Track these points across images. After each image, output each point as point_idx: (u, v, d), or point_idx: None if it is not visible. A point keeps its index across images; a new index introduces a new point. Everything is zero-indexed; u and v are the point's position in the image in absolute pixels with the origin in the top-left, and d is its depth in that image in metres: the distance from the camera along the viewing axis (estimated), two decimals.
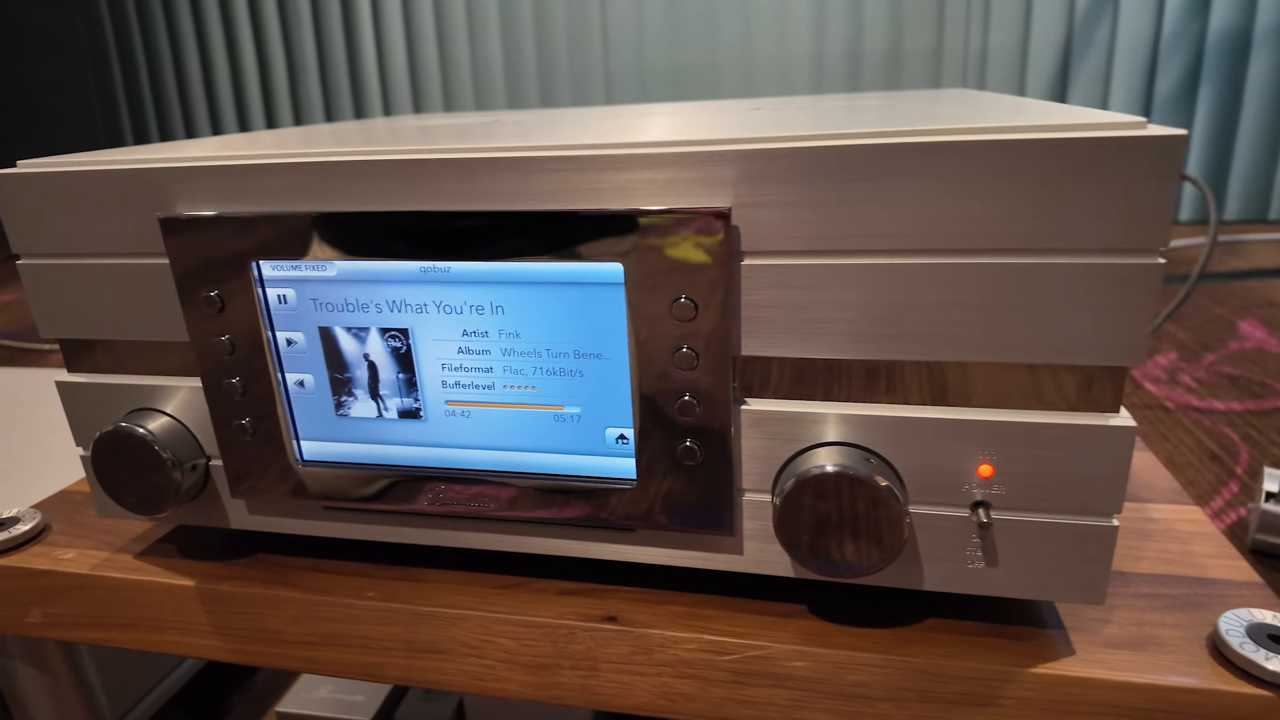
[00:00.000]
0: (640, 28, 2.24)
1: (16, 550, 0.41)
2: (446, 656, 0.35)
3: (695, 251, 0.28)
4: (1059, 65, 2.18)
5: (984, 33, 2.19)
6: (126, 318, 0.36)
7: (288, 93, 2.45)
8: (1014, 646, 0.31)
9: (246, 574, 0.38)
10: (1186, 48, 2.11)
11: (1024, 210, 0.26)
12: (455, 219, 0.30)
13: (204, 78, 2.48)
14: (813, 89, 2.21)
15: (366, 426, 0.34)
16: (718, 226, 0.27)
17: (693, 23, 2.21)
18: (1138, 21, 2.10)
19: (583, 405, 0.32)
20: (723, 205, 0.27)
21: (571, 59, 2.29)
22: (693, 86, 2.28)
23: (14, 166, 0.35)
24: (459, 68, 2.33)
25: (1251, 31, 2.07)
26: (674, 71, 2.26)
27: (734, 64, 2.23)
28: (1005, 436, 0.28)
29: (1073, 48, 2.16)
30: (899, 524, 0.29)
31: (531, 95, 2.33)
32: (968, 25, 2.20)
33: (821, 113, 0.37)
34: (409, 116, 0.69)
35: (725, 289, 0.28)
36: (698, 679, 0.32)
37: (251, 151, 0.32)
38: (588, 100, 2.32)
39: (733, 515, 0.31)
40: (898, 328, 0.28)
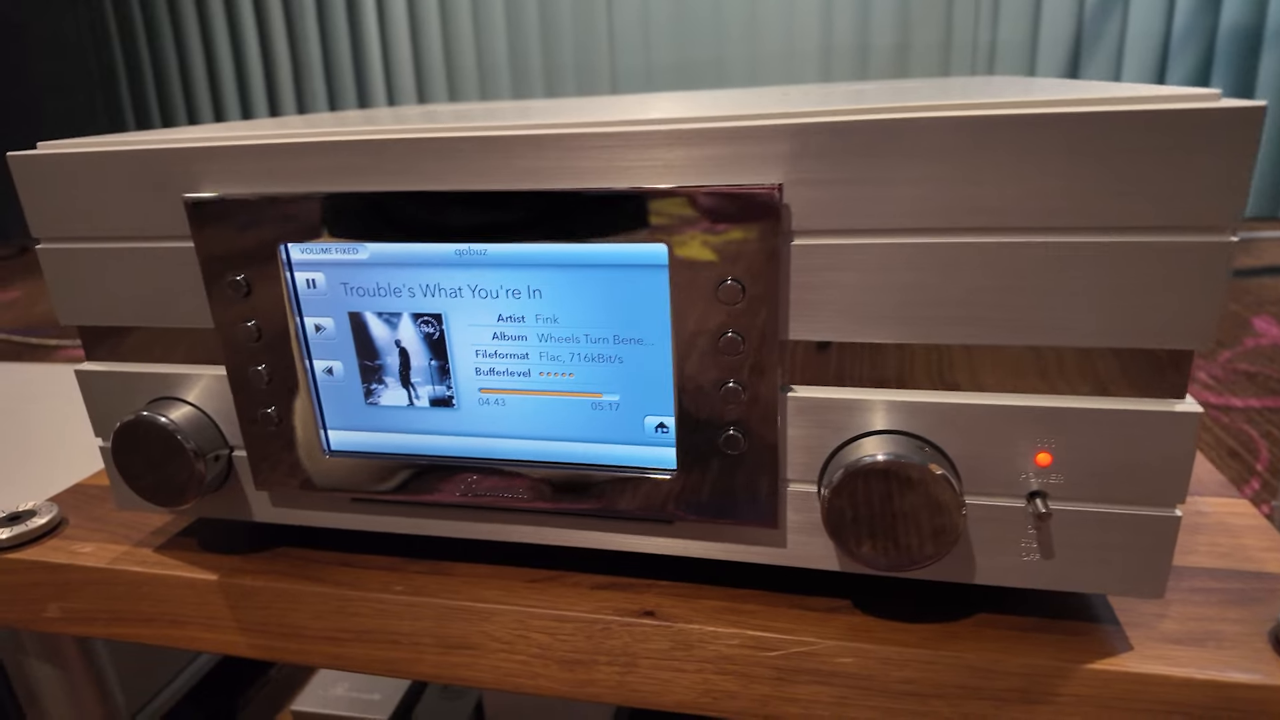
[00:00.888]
0: (646, 22, 2.22)
1: (33, 544, 0.40)
2: (478, 652, 0.34)
3: (744, 231, 0.27)
4: (1068, 60, 2.16)
5: (993, 27, 2.17)
6: (148, 304, 0.35)
7: (292, 89, 2.44)
8: (1068, 642, 0.30)
9: (270, 568, 0.37)
10: (1197, 44, 2.10)
11: (1090, 187, 0.25)
12: (493, 199, 0.29)
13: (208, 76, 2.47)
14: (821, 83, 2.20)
15: (397, 415, 0.33)
16: (769, 204, 0.26)
17: (699, 17, 2.20)
18: (1148, 17, 2.09)
19: (621, 393, 0.31)
20: (774, 182, 0.26)
21: (577, 55, 2.28)
22: (698, 81, 2.26)
23: (34, 148, 0.34)
24: (464, 65, 2.32)
25: (1263, 28, 2.05)
26: (680, 66, 2.24)
27: (740, 59, 2.22)
28: (1065, 423, 0.27)
29: (1082, 43, 2.15)
30: (955, 516, 0.28)
31: (537, 92, 2.32)
32: (976, 19, 2.18)
33: (858, 94, 0.36)
34: (435, 105, 0.68)
35: (775, 270, 0.27)
36: (740, 675, 0.31)
37: (280, 131, 0.31)
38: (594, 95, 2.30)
39: (777, 507, 0.30)
40: (954, 310, 0.27)
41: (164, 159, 0.32)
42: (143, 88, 2.51)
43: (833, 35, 2.20)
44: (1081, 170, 0.25)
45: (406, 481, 0.34)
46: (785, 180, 0.27)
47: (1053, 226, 0.25)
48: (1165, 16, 2.09)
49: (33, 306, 1.78)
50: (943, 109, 0.25)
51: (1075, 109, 0.24)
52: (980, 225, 0.26)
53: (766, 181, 0.27)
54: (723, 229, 0.27)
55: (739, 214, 0.27)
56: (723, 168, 0.27)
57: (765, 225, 0.27)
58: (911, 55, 2.20)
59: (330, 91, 2.50)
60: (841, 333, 0.28)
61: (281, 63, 2.49)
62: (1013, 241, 0.26)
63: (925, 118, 0.25)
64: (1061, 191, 0.25)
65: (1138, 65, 2.11)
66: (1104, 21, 2.13)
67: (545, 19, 2.30)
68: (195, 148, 0.31)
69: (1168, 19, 2.09)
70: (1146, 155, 0.24)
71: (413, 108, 0.50)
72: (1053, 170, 0.25)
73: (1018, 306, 0.26)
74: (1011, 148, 0.25)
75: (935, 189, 0.26)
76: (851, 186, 0.26)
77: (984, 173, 0.25)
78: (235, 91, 2.55)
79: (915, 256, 0.27)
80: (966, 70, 2.21)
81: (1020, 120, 0.24)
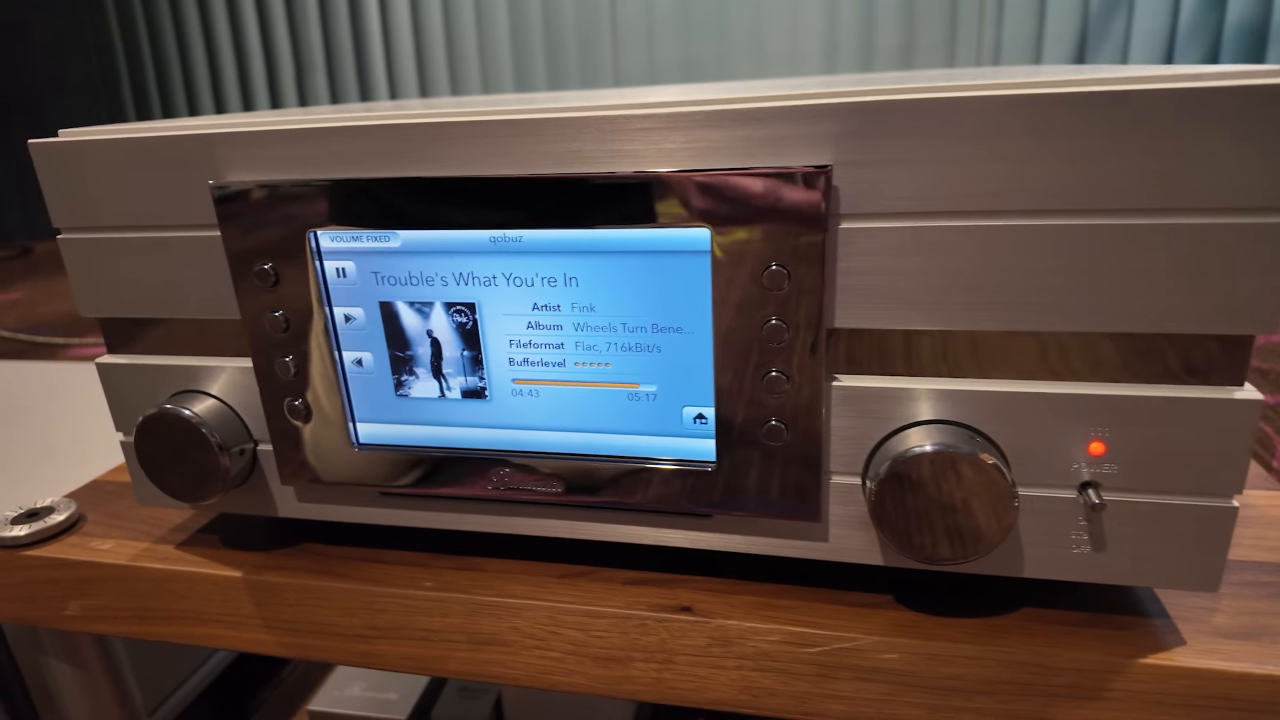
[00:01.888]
0: (650, 18, 2.22)
1: (51, 541, 0.39)
2: (510, 649, 0.33)
3: (791, 214, 0.26)
4: (1073, 59, 2.16)
5: (997, 26, 2.17)
6: (171, 294, 0.34)
7: (294, 86, 2.44)
8: (1118, 636, 0.29)
9: (295, 564, 0.36)
10: (1203, 41, 2.09)
11: (1148, 167, 0.24)
12: (530, 185, 0.28)
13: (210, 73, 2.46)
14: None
15: (428, 407, 0.33)
16: (817, 186, 0.26)
17: (703, 14, 2.19)
18: (1154, 14, 2.08)
19: (659, 383, 0.30)
20: (823, 163, 0.26)
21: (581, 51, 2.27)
22: (703, 78, 2.26)
23: (55, 136, 0.33)
24: (467, 61, 2.31)
25: (1269, 24, 2.04)
26: (684, 63, 2.24)
27: (744, 57, 2.21)
28: (1120, 412, 0.27)
29: (1088, 41, 2.14)
30: (1008, 507, 0.27)
31: (541, 88, 2.31)
32: (981, 16, 2.17)
33: (900, 77, 0.35)
34: (463, 96, 0.67)
35: (822, 255, 0.26)
36: (780, 672, 0.31)
37: (308, 116, 0.31)
38: None
39: (820, 500, 0.30)
40: (1007, 295, 0.26)
41: (188, 145, 0.31)
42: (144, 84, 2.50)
43: (837, 33, 2.19)
44: (1138, 149, 0.24)
45: (437, 475, 0.33)
46: (834, 161, 0.26)
47: (1109, 208, 0.25)
48: (1171, 13, 2.08)
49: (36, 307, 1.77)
50: (1001, 88, 0.24)
51: (1134, 86, 0.23)
52: (1034, 207, 0.25)
53: (813, 163, 0.26)
54: (769, 212, 0.26)
55: (786, 197, 0.26)
56: (767, 149, 0.26)
57: (814, 208, 0.26)
58: (916, 53, 2.19)
59: (332, 88, 2.49)
60: (889, 319, 0.27)
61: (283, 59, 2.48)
62: (1068, 224, 0.25)
63: (983, 96, 0.24)
64: (1118, 172, 0.24)
65: (1143, 61, 2.10)
66: (1109, 18, 2.12)
67: (548, 15, 2.29)
68: (221, 133, 0.31)
69: (1173, 15, 2.09)
70: (1208, 133, 0.23)
71: (443, 99, 0.50)
72: (1108, 150, 0.24)
73: (1074, 290, 0.26)
74: (1072, 127, 0.24)
75: (989, 170, 0.25)
76: (902, 167, 0.26)
77: (1040, 154, 0.24)
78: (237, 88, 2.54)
79: (967, 240, 0.26)
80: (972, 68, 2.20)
81: (1083, 99, 0.24)
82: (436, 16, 2.30)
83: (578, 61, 2.27)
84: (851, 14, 2.16)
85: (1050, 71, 0.30)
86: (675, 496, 0.31)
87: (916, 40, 2.18)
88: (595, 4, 2.23)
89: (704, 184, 0.27)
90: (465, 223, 0.29)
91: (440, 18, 2.30)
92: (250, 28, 2.40)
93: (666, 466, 0.31)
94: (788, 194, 0.26)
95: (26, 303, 1.76)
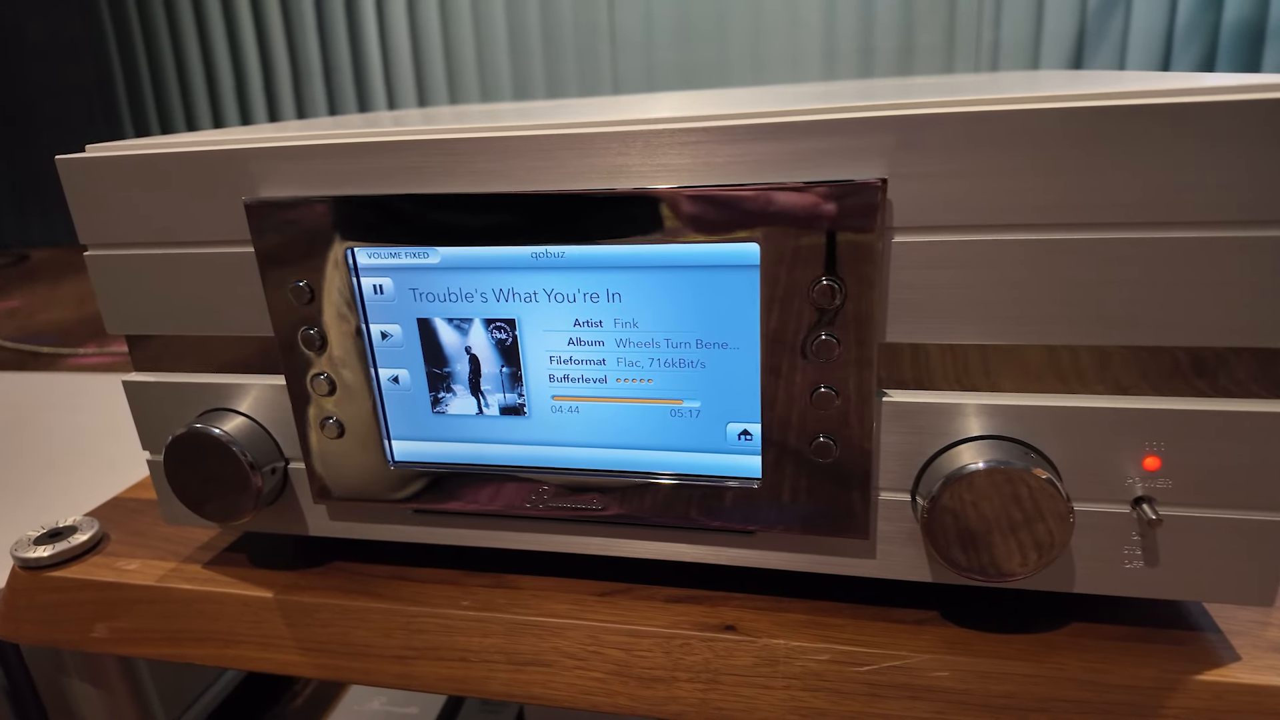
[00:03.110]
0: (649, 23, 2.21)
1: (75, 561, 0.39)
2: (551, 669, 0.33)
3: (844, 228, 0.26)
4: (1072, 58, 2.16)
5: (995, 26, 2.17)
6: (200, 311, 0.33)
7: (291, 91, 2.43)
8: (1173, 652, 0.29)
9: (326, 584, 0.36)
10: (1200, 40, 2.09)
11: (1209, 179, 0.24)
12: (575, 200, 0.28)
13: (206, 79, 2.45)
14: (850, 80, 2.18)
15: (465, 424, 0.32)
16: (873, 200, 0.25)
17: (701, 19, 2.19)
18: (1151, 14, 2.08)
19: (703, 399, 0.30)
20: (877, 176, 0.25)
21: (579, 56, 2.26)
22: (702, 83, 2.25)
23: (83, 151, 0.32)
24: (464, 67, 2.31)
25: (1266, 23, 2.05)
26: (683, 67, 2.24)
27: (743, 61, 2.21)
28: (1176, 426, 0.26)
29: (1085, 41, 2.14)
30: (1064, 523, 0.26)
31: (539, 94, 2.31)
32: (979, 18, 2.18)
33: (939, 86, 0.35)
34: (497, 104, 0.67)
35: (875, 269, 0.26)
36: (830, 692, 0.30)
37: (342, 131, 0.30)
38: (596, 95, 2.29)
39: (869, 517, 0.29)
40: (1060, 309, 0.26)
41: (221, 160, 0.31)
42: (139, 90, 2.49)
43: (836, 37, 2.19)
44: (1199, 161, 0.24)
45: (474, 492, 0.32)
46: (887, 174, 0.25)
47: (1168, 221, 0.24)
48: (1168, 12, 2.09)
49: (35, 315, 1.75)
50: (1058, 100, 0.24)
51: (1194, 99, 0.23)
52: (1092, 220, 0.25)
53: (866, 176, 0.25)
54: (821, 226, 0.26)
55: (840, 210, 0.26)
56: (818, 162, 0.26)
57: (868, 222, 0.25)
58: (915, 56, 2.19)
59: (330, 95, 2.48)
60: (940, 334, 0.27)
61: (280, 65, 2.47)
62: (1124, 238, 0.25)
63: (1043, 109, 0.24)
64: (1181, 184, 0.24)
65: (1142, 61, 2.11)
66: (1107, 18, 2.12)
67: (546, 21, 2.29)
68: (255, 148, 0.30)
69: (1170, 15, 2.09)
70: (1266, 146, 0.23)
71: (475, 106, 0.49)
72: (1172, 162, 0.24)
73: (1131, 304, 0.25)
74: (1133, 140, 0.24)
75: (1045, 183, 0.25)
76: (957, 180, 0.25)
77: (1098, 165, 0.24)
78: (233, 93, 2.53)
79: (1020, 253, 0.26)
80: (970, 69, 2.21)
81: (1146, 111, 0.23)
82: (434, 22, 2.29)
83: (576, 67, 2.27)
84: (849, 17, 2.16)
85: (1102, 80, 0.30)
86: (718, 513, 0.30)
87: (915, 42, 2.18)
88: (593, 9, 2.23)
89: (754, 198, 0.26)
90: (506, 239, 0.29)
91: (438, 23, 2.29)
92: (246, 32, 2.39)
93: (709, 483, 0.30)
94: (841, 208, 0.26)
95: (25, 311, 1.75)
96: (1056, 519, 0.26)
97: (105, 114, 2.53)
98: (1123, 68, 2.12)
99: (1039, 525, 0.27)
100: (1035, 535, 0.27)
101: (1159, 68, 2.12)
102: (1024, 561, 0.27)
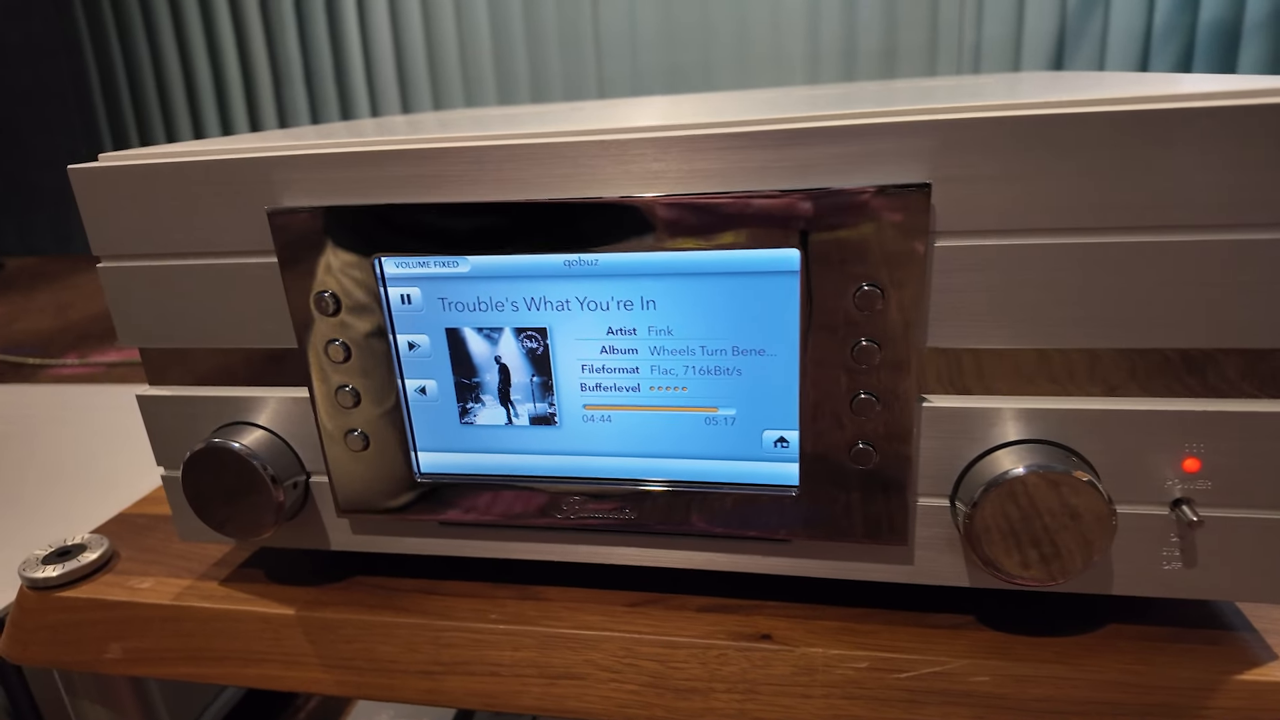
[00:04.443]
0: (633, 26, 2.21)
1: (85, 581, 0.38)
2: (585, 682, 0.32)
3: (888, 233, 0.26)
4: (1052, 58, 2.18)
5: (977, 27, 2.19)
6: (218, 323, 0.33)
7: (272, 96, 2.40)
8: (1209, 651, 0.29)
9: (349, 599, 0.35)
10: (1178, 40, 2.12)
11: (1259, 180, 0.24)
12: (610, 207, 0.27)
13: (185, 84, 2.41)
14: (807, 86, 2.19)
15: (494, 435, 0.32)
16: (918, 204, 0.25)
17: (685, 22, 2.19)
18: (1130, 14, 2.11)
19: (739, 406, 0.29)
20: (922, 180, 0.25)
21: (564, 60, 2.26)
22: (687, 86, 2.26)
23: (95, 160, 0.32)
24: (448, 71, 2.29)
25: (1241, 23, 2.09)
26: (668, 70, 2.24)
27: (728, 63, 2.22)
28: (1217, 427, 0.26)
29: (1066, 41, 2.17)
30: (1107, 526, 0.26)
31: (523, 98, 2.30)
32: (961, 20, 2.20)
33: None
34: (515, 108, 0.66)
35: (920, 275, 0.26)
36: (870, 700, 0.30)
37: (369, 138, 0.30)
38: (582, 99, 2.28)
39: (908, 523, 0.29)
40: (1101, 311, 0.26)
41: (241, 169, 0.30)
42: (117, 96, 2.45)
43: (820, 40, 2.20)
44: (1249, 164, 0.24)
45: (503, 503, 0.32)
46: (931, 178, 0.25)
47: (1209, 224, 0.24)
48: (1146, 13, 2.12)
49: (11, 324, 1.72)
50: (1112, 104, 0.24)
51: (1249, 101, 0.23)
52: (1132, 224, 0.25)
53: (909, 180, 0.25)
54: (864, 231, 0.26)
55: (884, 215, 0.25)
56: (860, 166, 0.26)
57: (912, 226, 0.25)
58: (898, 57, 2.21)
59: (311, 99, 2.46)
60: (981, 338, 0.27)
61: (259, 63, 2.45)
62: (1168, 240, 0.25)
63: (1089, 113, 0.24)
64: (1231, 186, 0.24)
65: (1120, 61, 2.13)
66: (1087, 18, 2.15)
67: (530, 24, 2.28)
68: (278, 156, 0.29)
69: (1149, 15, 2.12)
70: None
71: (492, 109, 0.48)
72: (1218, 165, 0.24)
73: (1176, 305, 0.25)
74: (1179, 143, 0.24)
75: (1088, 186, 0.25)
76: (999, 184, 0.25)
77: (1141, 168, 0.24)
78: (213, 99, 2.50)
79: (1063, 256, 0.25)
80: (953, 69, 2.23)
81: (1193, 114, 0.23)
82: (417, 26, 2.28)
83: (560, 68, 2.26)
84: (833, 19, 2.17)
85: (1141, 83, 0.30)
86: (755, 522, 0.30)
87: (898, 44, 2.19)
88: (577, 13, 2.22)
89: (794, 203, 0.26)
90: (539, 247, 0.28)
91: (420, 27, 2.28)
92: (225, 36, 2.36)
93: (745, 491, 0.30)
94: (885, 212, 0.25)
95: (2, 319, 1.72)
96: (1099, 522, 0.26)
97: (82, 120, 2.49)
98: (1102, 68, 2.15)
99: (1082, 528, 0.27)
100: (1080, 539, 0.27)
101: (1137, 68, 2.15)
102: (1067, 565, 0.27)
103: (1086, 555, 0.27)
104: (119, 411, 0.77)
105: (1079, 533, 0.27)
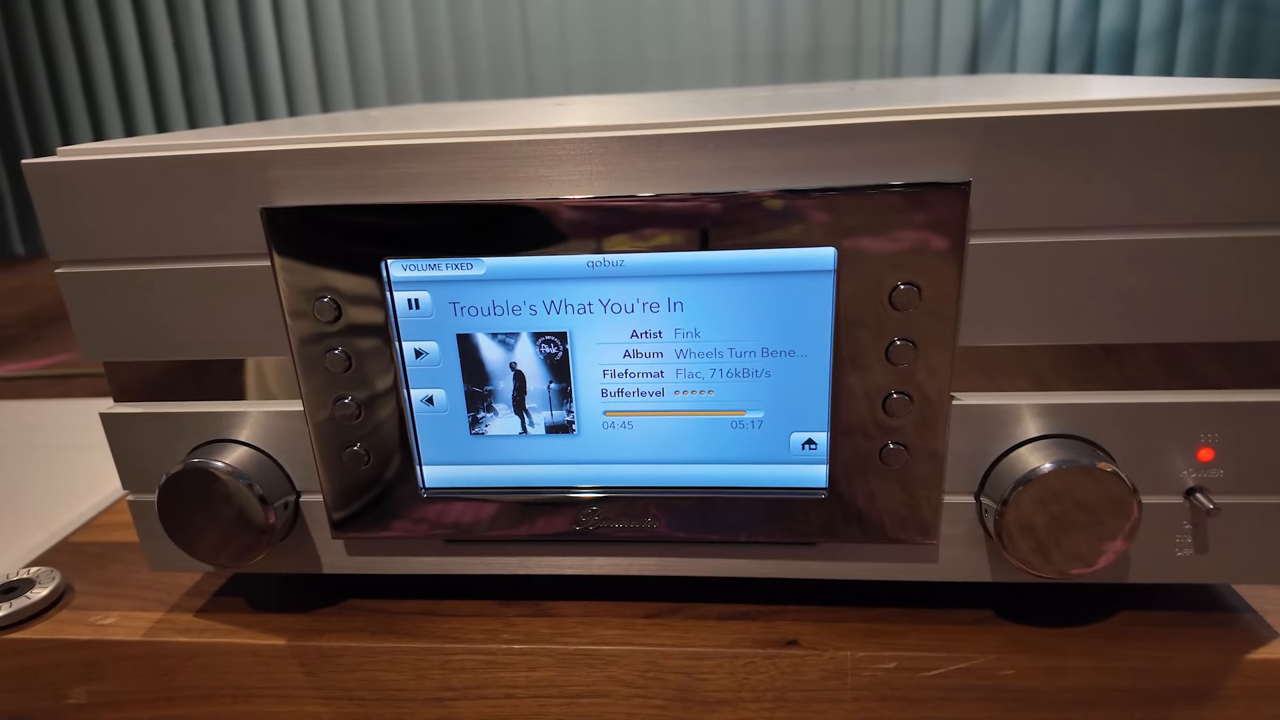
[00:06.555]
0: (561, 24, 2.19)
1: (38, 619, 0.34)
2: (608, 700, 0.31)
3: (926, 231, 0.25)
4: (967, 62, 2.27)
5: (898, 31, 2.26)
6: (197, 333, 0.30)
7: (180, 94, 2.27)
8: (1220, 634, 0.30)
9: (346, 625, 0.33)
10: (1081, 46, 2.24)
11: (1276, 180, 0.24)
12: (640, 206, 0.26)
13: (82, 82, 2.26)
14: (739, 86, 2.22)
15: (507, 445, 0.30)
16: (956, 203, 0.25)
17: (614, 20, 2.18)
18: (1038, 21, 2.21)
19: (766, 409, 0.29)
20: (960, 179, 0.25)
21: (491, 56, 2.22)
22: (617, 84, 2.25)
23: (54, 155, 0.28)
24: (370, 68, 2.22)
25: (1137, 32, 2.21)
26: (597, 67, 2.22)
27: (658, 62, 2.22)
28: (1233, 418, 0.27)
29: (980, 46, 2.26)
30: (1133, 517, 0.27)
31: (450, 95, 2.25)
32: (882, 24, 2.26)
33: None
34: (514, 101, 0.63)
35: (958, 274, 0.26)
36: (901, 700, 0.30)
37: (370, 133, 0.28)
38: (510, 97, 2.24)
39: (937, 522, 0.29)
40: (1136, 307, 0.26)
41: (231, 164, 0.27)
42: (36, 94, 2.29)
43: (748, 40, 2.23)
44: (1265, 165, 0.24)
45: (516, 517, 0.30)
46: (969, 177, 0.25)
47: (1241, 222, 0.25)
48: (1052, 20, 2.22)
49: None
50: (1149, 104, 0.24)
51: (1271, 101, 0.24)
52: (1168, 222, 0.25)
53: (946, 178, 0.25)
54: (902, 230, 0.25)
55: (922, 214, 0.25)
56: (897, 165, 0.25)
57: (951, 225, 0.25)
58: (824, 59, 2.25)
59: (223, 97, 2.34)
60: (1013, 336, 0.27)
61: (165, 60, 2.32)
62: (1199, 238, 0.25)
63: (1127, 112, 0.24)
64: (1262, 186, 0.24)
65: (1031, 65, 2.23)
66: (999, 25, 2.24)
67: (456, 20, 2.23)
68: (273, 150, 0.27)
69: (1054, 22, 2.22)
70: None
71: (486, 103, 0.46)
72: (1250, 165, 0.24)
73: (1202, 301, 0.26)
74: (1215, 142, 0.24)
75: (1125, 184, 0.25)
76: (1036, 183, 0.25)
77: (1174, 167, 0.24)
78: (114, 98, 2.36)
79: (1098, 253, 0.26)
80: (875, 71, 2.29)
81: (1221, 115, 0.24)
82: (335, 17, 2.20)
83: (487, 65, 2.22)
84: (760, 21, 2.20)
85: (1169, 85, 0.30)
86: (782, 526, 0.30)
87: (824, 46, 2.24)
88: (505, 11, 2.18)
89: (832, 202, 0.25)
90: (562, 247, 0.27)
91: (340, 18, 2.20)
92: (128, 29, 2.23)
93: (771, 496, 0.29)
94: (923, 211, 0.25)
95: None
96: (1124, 513, 0.27)
97: (25, 108, 2.29)
98: (1014, 71, 2.25)
99: (1109, 520, 0.27)
100: (1107, 530, 0.27)
101: (1047, 68, 2.25)
102: (1096, 557, 0.27)
103: (1115, 546, 0.27)
104: (33, 430, 0.70)
105: (1108, 524, 0.27)
